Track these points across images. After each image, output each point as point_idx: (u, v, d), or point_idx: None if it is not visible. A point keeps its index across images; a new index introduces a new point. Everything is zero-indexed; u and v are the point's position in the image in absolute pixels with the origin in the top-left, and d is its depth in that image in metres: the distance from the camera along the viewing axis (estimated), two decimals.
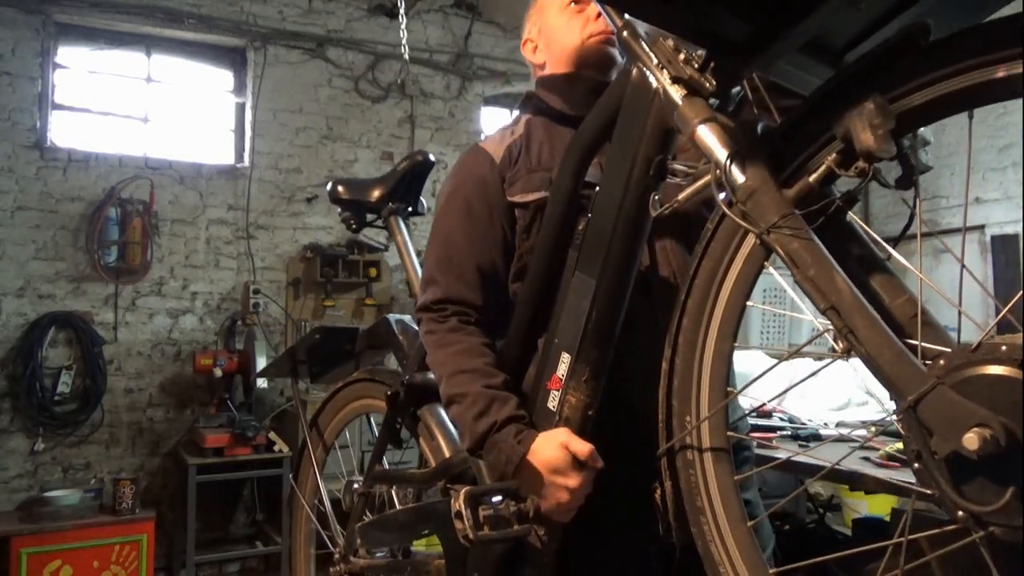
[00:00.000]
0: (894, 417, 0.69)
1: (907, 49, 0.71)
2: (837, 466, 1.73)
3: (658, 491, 0.93)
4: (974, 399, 0.63)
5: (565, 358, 1.08)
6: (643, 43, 0.92)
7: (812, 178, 0.75)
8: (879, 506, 3.41)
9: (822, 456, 1.78)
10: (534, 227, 1.19)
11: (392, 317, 1.71)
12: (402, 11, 3.97)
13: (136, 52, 4.33)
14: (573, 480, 1.04)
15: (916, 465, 0.67)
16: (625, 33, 0.94)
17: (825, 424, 2.25)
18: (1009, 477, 0.61)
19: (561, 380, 1.09)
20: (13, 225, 3.88)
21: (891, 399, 0.70)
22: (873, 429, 2.08)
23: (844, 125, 0.71)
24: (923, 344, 0.72)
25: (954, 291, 0.79)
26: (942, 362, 0.66)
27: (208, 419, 3.93)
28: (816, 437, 2.15)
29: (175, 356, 4.18)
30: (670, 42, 0.88)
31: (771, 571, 0.83)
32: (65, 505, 3.58)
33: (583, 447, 1.04)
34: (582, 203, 1.11)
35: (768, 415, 2.36)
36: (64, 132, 4.12)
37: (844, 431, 2.17)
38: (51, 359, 3.90)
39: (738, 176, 0.77)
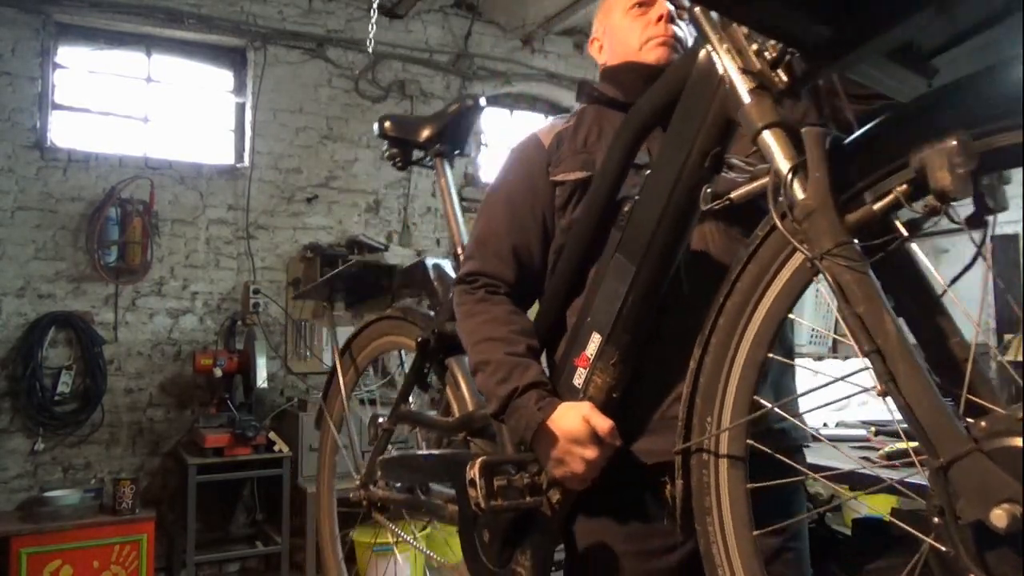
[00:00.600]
0: (922, 470, 0.67)
1: (999, 81, 0.65)
2: (839, 467, 1.73)
3: (668, 486, 0.92)
4: (1008, 469, 0.60)
5: (596, 338, 1.08)
6: (715, 24, 0.86)
7: (877, 207, 0.70)
8: (879, 506, 3.40)
9: (822, 456, 1.78)
10: (570, 205, 1.23)
11: (429, 261, 1.75)
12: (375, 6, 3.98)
13: (136, 52, 4.33)
14: (591, 452, 1.06)
15: (936, 520, 0.65)
16: (697, 9, 0.89)
17: (825, 424, 2.25)
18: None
19: (589, 359, 1.10)
20: (13, 225, 3.88)
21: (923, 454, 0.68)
22: (873, 429, 2.08)
23: (921, 157, 0.66)
24: (968, 396, 0.69)
25: (954, 290, 0.79)
26: (983, 424, 0.63)
27: (208, 419, 3.93)
28: (815, 438, 2.14)
29: (175, 356, 4.18)
30: (744, 29, 0.82)
31: None
32: (65, 505, 3.57)
33: (604, 423, 1.06)
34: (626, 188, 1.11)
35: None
36: (64, 132, 4.12)
37: (844, 431, 2.17)
38: (51, 359, 3.90)
39: (798, 191, 0.73)
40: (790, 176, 0.74)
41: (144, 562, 3.59)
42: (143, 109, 4.33)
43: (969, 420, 0.65)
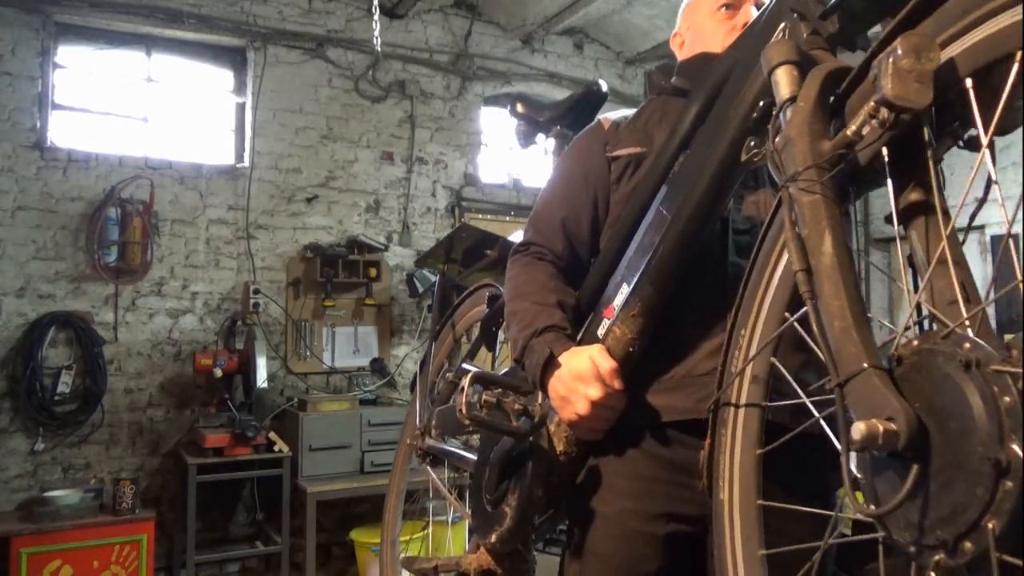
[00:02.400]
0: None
1: None
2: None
3: (707, 442, 0.91)
4: (911, 391, 0.58)
5: (624, 289, 1.09)
6: None
7: (850, 130, 0.67)
8: None
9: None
10: (624, 178, 1.25)
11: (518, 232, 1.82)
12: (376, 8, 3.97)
13: (136, 52, 4.33)
14: (595, 391, 1.06)
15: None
16: None
17: None
18: (905, 480, 0.56)
19: (615, 310, 1.09)
20: (13, 225, 3.88)
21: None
22: None
23: (876, 66, 0.62)
24: (891, 326, 0.67)
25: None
26: (892, 349, 0.61)
27: (208, 419, 3.93)
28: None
29: (175, 356, 4.18)
30: None
31: (761, 552, 0.82)
32: (65, 505, 3.57)
33: (607, 363, 1.06)
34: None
35: None
36: (64, 132, 4.12)
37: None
38: (51, 359, 3.90)
39: (783, 123, 0.73)
40: (781, 110, 0.75)
41: (144, 562, 3.59)
42: (143, 109, 4.33)
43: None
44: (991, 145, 0.61)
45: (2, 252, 3.85)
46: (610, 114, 1.36)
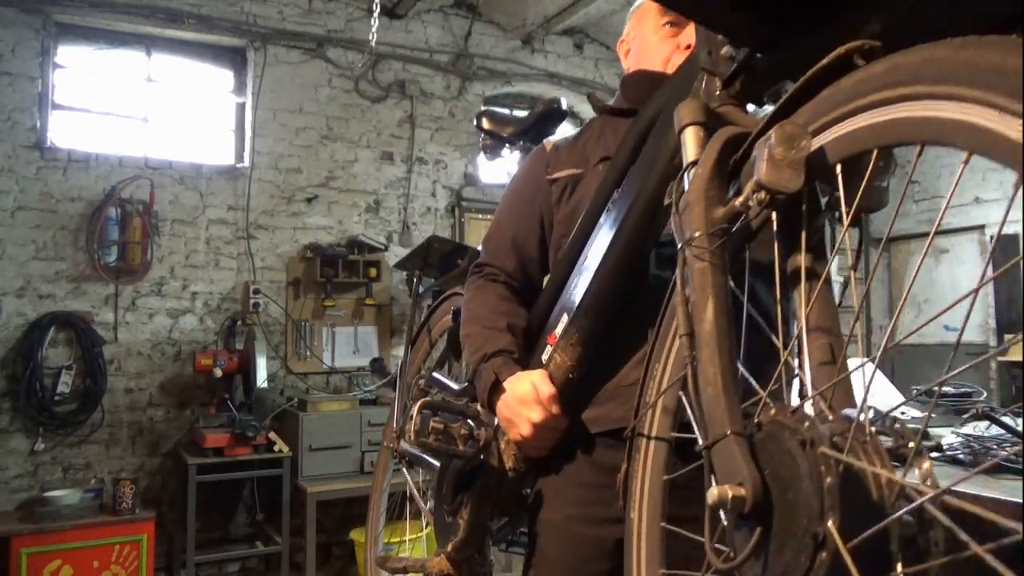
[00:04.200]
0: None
1: (843, 69, 0.63)
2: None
3: (623, 467, 0.98)
4: (765, 458, 0.63)
5: (564, 318, 1.16)
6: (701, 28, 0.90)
7: (739, 201, 0.70)
8: None
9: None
10: (563, 199, 1.31)
11: None
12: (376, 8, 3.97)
13: (136, 52, 4.34)
14: (536, 414, 1.14)
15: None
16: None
17: None
18: (750, 539, 0.62)
19: (556, 338, 1.17)
20: (13, 225, 3.88)
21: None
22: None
23: (756, 149, 0.67)
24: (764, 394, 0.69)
25: (954, 290, 0.78)
26: (758, 418, 0.66)
27: (208, 419, 3.93)
28: None
29: (175, 356, 4.18)
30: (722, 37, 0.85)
31: (660, 572, 0.88)
32: (65, 505, 3.57)
33: (546, 389, 1.14)
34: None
35: None
36: (64, 132, 4.12)
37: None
38: (51, 359, 3.91)
39: (686, 185, 0.77)
40: (685, 172, 0.78)
41: (144, 562, 3.59)
42: (143, 109, 4.33)
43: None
44: (857, 221, 0.66)
45: (2, 252, 3.86)
46: (554, 137, 1.43)
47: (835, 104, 0.63)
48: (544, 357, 1.19)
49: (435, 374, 1.78)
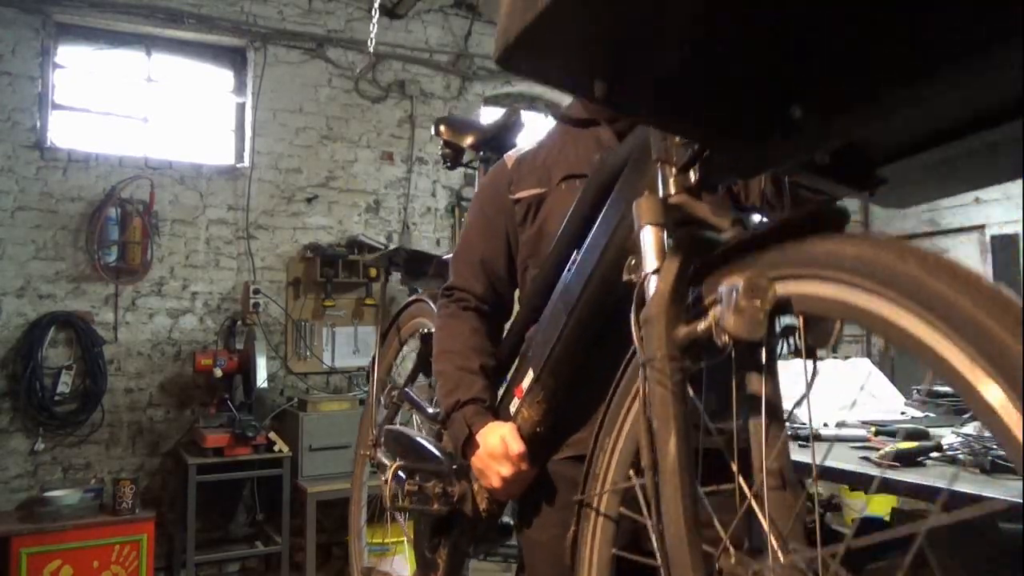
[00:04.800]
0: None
1: (812, 227, 0.63)
2: (838, 466, 1.73)
3: (572, 529, 1.00)
4: None
5: (530, 374, 1.18)
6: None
7: (700, 328, 0.70)
8: (879, 506, 3.41)
9: (819, 455, 1.78)
10: (528, 219, 1.31)
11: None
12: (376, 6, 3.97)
13: (136, 52, 4.33)
14: (506, 470, 1.19)
15: None
16: None
17: (825, 424, 2.25)
18: None
19: (523, 392, 1.20)
20: (13, 225, 3.88)
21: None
22: (873, 429, 2.08)
23: (720, 294, 0.67)
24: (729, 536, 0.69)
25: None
26: (719, 562, 0.67)
27: (208, 419, 3.93)
28: (816, 437, 2.15)
29: (175, 356, 4.18)
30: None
31: None
32: (65, 505, 3.57)
33: (516, 447, 1.18)
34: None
35: None
36: (64, 132, 4.12)
37: (845, 431, 2.17)
38: (51, 359, 3.90)
39: (648, 295, 0.75)
40: (647, 280, 0.77)
41: (144, 562, 3.59)
42: (143, 109, 4.33)
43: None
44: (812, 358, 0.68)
45: (2, 252, 3.86)
46: (513, 151, 1.41)
47: (802, 262, 0.63)
48: (512, 409, 1.22)
49: (408, 391, 1.83)
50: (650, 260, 0.77)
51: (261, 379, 3.99)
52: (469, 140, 1.81)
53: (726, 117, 0.66)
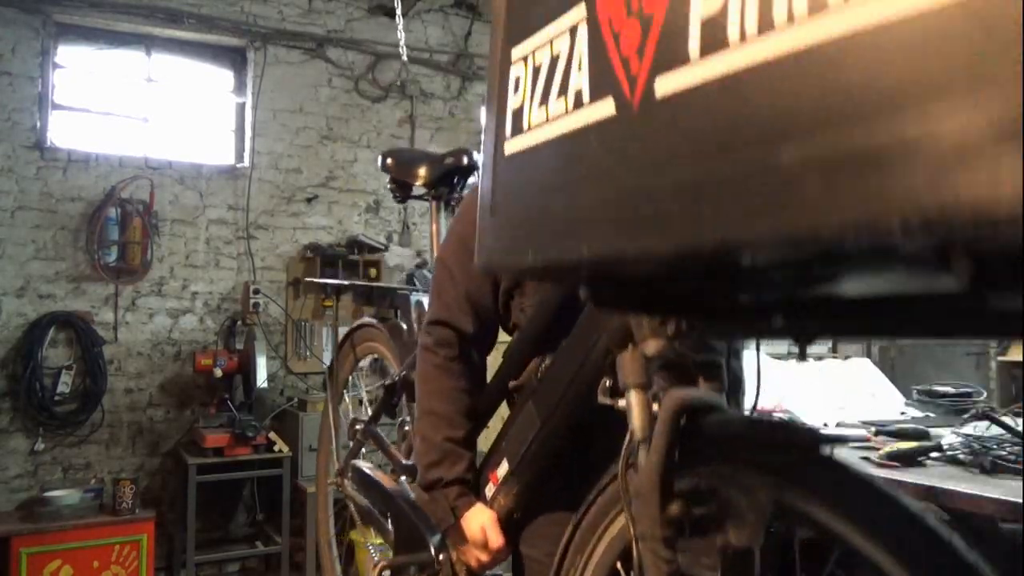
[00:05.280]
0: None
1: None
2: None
3: None
4: None
5: (505, 465, 1.21)
6: None
7: (696, 511, 0.70)
8: None
9: None
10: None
11: (415, 297, 1.91)
12: (399, 12, 3.97)
13: (136, 52, 4.33)
14: (484, 556, 1.25)
15: None
16: None
17: (825, 424, 2.25)
18: None
19: (499, 480, 1.22)
20: (13, 225, 3.88)
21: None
22: (873, 429, 2.08)
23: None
24: None
25: None
26: None
27: (208, 419, 3.93)
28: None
29: (175, 356, 4.18)
30: None
31: None
32: (65, 505, 3.57)
33: (496, 541, 1.23)
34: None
35: (768, 415, 2.36)
36: (64, 132, 4.12)
37: (844, 431, 2.17)
38: (51, 359, 3.91)
39: (640, 463, 0.72)
40: (637, 448, 0.74)
41: (144, 562, 3.59)
42: (143, 109, 4.33)
43: None
44: None
45: (2, 252, 3.86)
46: None
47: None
48: (488, 495, 1.25)
49: (376, 430, 1.83)
50: (639, 428, 0.73)
51: (261, 379, 3.99)
52: (419, 178, 1.75)
53: (704, 309, 0.66)
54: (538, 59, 0.64)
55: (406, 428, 1.70)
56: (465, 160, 1.72)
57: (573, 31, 0.59)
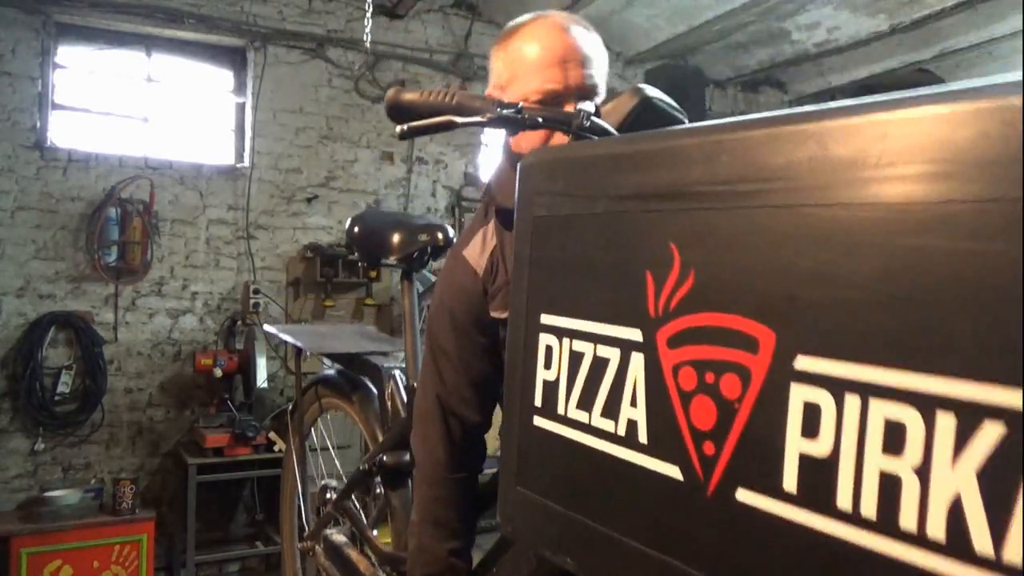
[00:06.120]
0: None
1: None
2: None
3: None
4: None
5: None
6: None
7: None
8: None
9: None
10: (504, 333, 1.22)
11: (390, 367, 1.75)
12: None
13: (136, 52, 4.33)
14: None
15: None
16: None
17: None
18: None
19: None
20: (13, 225, 3.88)
21: None
22: None
23: None
24: None
25: None
26: None
27: (208, 419, 3.93)
28: None
29: (175, 356, 4.18)
30: None
31: None
32: (65, 505, 3.58)
33: None
34: None
35: None
36: (64, 132, 4.12)
37: None
38: (51, 359, 3.90)
39: None
40: None
41: (144, 562, 3.59)
42: (143, 109, 4.33)
43: None
44: None
45: (2, 252, 3.85)
46: (470, 247, 1.21)
47: None
48: None
49: (351, 505, 1.75)
50: None
51: (261, 379, 3.99)
52: (391, 252, 1.65)
53: None
54: (577, 347, 0.61)
55: (386, 510, 1.61)
56: (440, 238, 1.63)
57: (626, 353, 0.56)
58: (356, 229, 1.69)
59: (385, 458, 1.55)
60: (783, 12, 4.54)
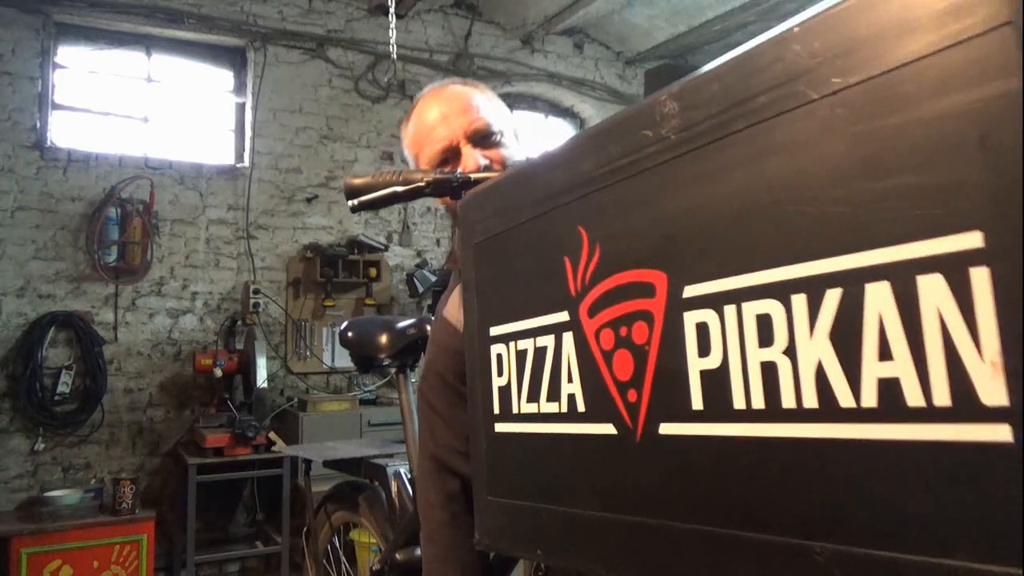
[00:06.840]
0: None
1: None
2: None
3: None
4: None
5: None
6: None
7: None
8: None
9: None
10: None
11: (392, 467, 1.78)
12: (392, 10, 3.96)
13: (136, 52, 4.33)
14: None
15: None
16: None
17: None
18: None
19: None
20: (13, 225, 3.88)
21: None
22: None
23: None
24: None
25: None
26: None
27: (208, 419, 3.93)
28: None
29: (175, 356, 4.18)
30: None
31: None
32: (65, 505, 3.58)
33: None
34: None
35: None
36: (64, 132, 4.12)
37: None
38: (51, 359, 3.90)
39: None
40: None
41: (144, 562, 3.59)
42: (143, 109, 4.33)
43: None
44: None
45: (2, 252, 3.85)
46: (451, 306, 1.24)
47: None
48: None
49: None
50: None
51: (261, 379, 3.99)
52: (382, 350, 1.68)
53: None
54: (521, 347, 0.67)
55: None
56: (428, 329, 1.63)
57: (559, 336, 0.62)
58: (350, 334, 1.76)
59: (398, 556, 1.55)
60: (783, 12, 4.54)
